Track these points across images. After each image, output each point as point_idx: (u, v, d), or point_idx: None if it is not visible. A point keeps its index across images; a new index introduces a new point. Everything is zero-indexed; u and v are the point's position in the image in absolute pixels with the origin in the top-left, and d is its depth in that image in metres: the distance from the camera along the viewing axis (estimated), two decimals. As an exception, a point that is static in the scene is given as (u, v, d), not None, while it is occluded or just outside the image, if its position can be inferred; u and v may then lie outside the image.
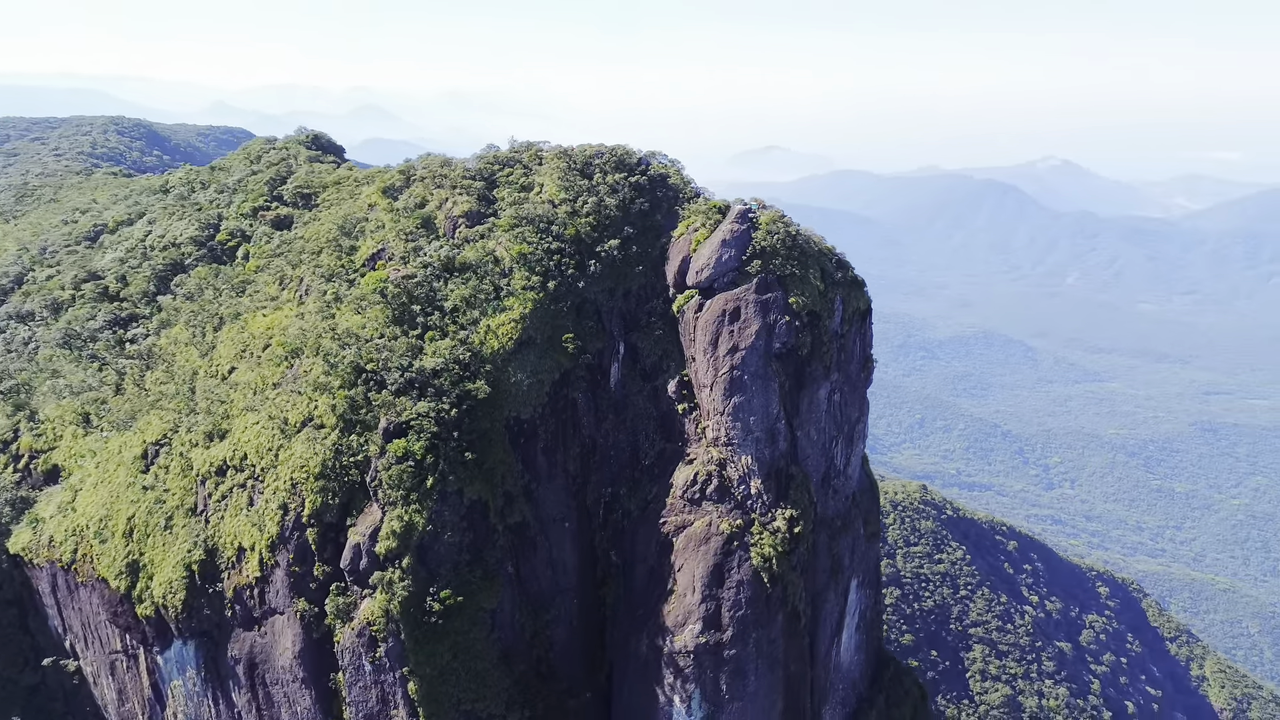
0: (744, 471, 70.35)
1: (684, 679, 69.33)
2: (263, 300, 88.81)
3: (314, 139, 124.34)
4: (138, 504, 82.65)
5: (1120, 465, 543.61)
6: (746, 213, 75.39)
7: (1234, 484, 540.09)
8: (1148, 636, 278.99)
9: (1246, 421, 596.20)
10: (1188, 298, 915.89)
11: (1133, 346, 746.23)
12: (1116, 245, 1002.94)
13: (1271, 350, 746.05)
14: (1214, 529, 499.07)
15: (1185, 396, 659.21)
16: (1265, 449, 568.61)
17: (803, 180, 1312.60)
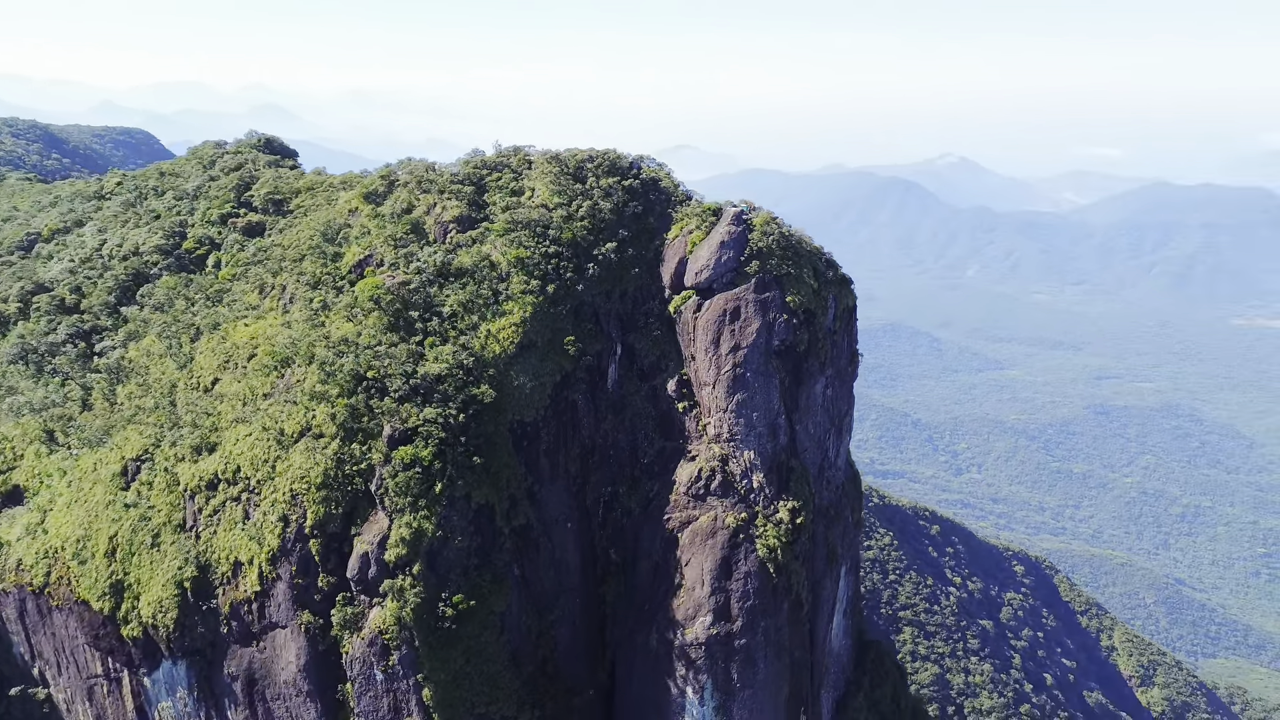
0: (746, 466, 73.10)
1: (696, 670, 71.64)
2: (242, 309, 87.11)
3: (267, 142, 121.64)
4: (120, 522, 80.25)
5: (1022, 449, 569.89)
6: (741, 215, 78.14)
7: (1126, 463, 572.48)
8: (1061, 611, 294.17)
9: (1135, 403, 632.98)
10: (1078, 288, 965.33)
11: (1029, 335, 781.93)
12: (1012, 239, 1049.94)
13: (1156, 336, 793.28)
14: (1109, 506, 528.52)
15: (1079, 381, 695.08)
16: (1153, 429, 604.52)
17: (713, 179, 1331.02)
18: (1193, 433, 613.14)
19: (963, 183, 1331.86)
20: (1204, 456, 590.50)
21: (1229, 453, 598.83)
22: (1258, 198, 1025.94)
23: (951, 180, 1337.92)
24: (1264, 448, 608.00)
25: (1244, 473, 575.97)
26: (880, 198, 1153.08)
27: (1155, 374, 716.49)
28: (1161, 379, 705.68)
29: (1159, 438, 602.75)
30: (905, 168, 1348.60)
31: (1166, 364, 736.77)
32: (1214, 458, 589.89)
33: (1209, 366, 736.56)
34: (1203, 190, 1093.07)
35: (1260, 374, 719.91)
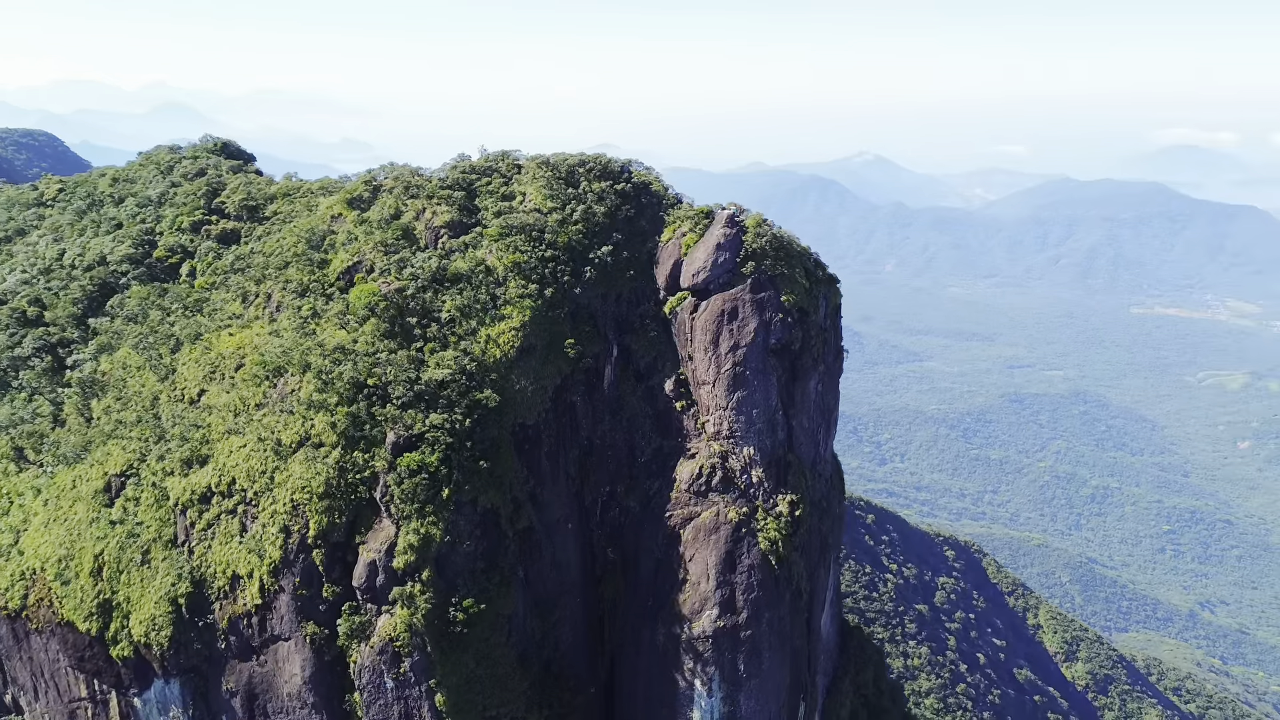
0: (746, 462, 75.43)
1: (703, 663, 73.65)
2: (225, 319, 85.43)
3: (223, 146, 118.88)
4: (106, 540, 78.09)
5: (943, 438, 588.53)
6: (734, 217, 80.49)
7: (1039, 448, 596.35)
8: (989, 593, 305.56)
9: (1046, 391, 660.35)
10: (989, 280, 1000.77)
11: (946, 327, 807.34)
12: (926, 234, 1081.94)
13: (1062, 326, 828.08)
14: (1025, 490, 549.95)
15: (993, 371, 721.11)
16: (1063, 415, 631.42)
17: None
18: (1100, 417, 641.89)
19: (879, 180, 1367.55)
20: (1111, 440, 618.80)
21: (1133, 435, 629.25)
22: (1152, 192, 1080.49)
23: (868, 178, 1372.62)
24: (1165, 430, 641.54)
25: (1148, 454, 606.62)
26: (801, 195, 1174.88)
27: (1063, 362, 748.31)
28: (1069, 367, 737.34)
29: (1069, 423, 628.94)
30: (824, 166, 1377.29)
31: (1073, 352, 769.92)
32: (1120, 440, 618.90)
33: (1112, 353, 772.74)
34: (1102, 185, 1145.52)
35: (1159, 359, 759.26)
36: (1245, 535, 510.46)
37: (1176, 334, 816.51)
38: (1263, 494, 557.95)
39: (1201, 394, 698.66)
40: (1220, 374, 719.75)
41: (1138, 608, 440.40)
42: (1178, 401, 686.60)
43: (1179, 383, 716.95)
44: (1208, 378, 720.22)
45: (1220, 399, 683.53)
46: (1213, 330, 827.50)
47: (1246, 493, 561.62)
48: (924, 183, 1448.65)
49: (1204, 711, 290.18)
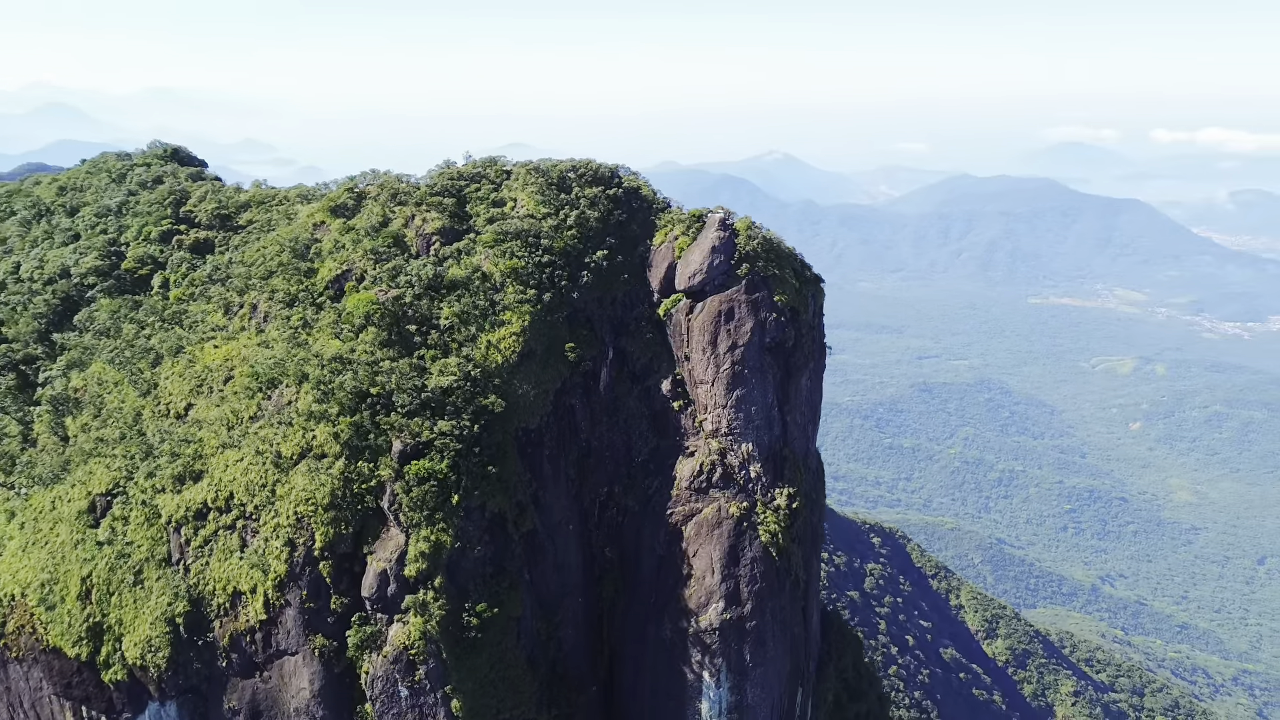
0: (744, 458, 77.98)
1: (711, 655, 75.90)
2: (208, 331, 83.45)
3: (174, 152, 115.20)
4: (93, 562, 75.66)
5: (857, 428, 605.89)
6: (726, 220, 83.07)
7: (948, 435, 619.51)
8: (914, 577, 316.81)
9: (953, 380, 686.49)
10: (896, 275, 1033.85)
11: (857, 321, 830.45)
12: (835, 230, 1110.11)
13: (966, 317, 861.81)
14: (936, 476, 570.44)
15: (903, 362, 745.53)
16: (970, 402, 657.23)
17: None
18: (1003, 404, 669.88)
19: (788, 179, 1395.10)
20: (1014, 425, 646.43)
21: (1034, 420, 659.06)
22: (1045, 187, 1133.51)
23: (778, 176, 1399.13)
24: (1063, 414, 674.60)
25: (1048, 437, 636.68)
26: (714, 194, 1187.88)
27: (968, 351, 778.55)
28: (974, 356, 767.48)
29: (975, 410, 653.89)
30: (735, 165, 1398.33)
31: (977, 342, 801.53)
32: (1022, 425, 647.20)
33: (1012, 342, 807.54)
34: (999, 181, 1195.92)
35: (1055, 347, 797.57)
36: (1139, 511, 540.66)
37: (1070, 322, 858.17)
38: (1154, 472, 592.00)
39: (1095, 378, 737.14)
40: (1111, 359, 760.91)
41: (1044, 584, 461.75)
42: (1074, 386, 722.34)
43: (1074, 368, 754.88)
44: (1100, 363, 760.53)
45: (1112, 383, 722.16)
46: (1103, 318, 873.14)
47: (1139, 471, 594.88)
48: (832, 181, 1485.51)
49: (1114, 680, 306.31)
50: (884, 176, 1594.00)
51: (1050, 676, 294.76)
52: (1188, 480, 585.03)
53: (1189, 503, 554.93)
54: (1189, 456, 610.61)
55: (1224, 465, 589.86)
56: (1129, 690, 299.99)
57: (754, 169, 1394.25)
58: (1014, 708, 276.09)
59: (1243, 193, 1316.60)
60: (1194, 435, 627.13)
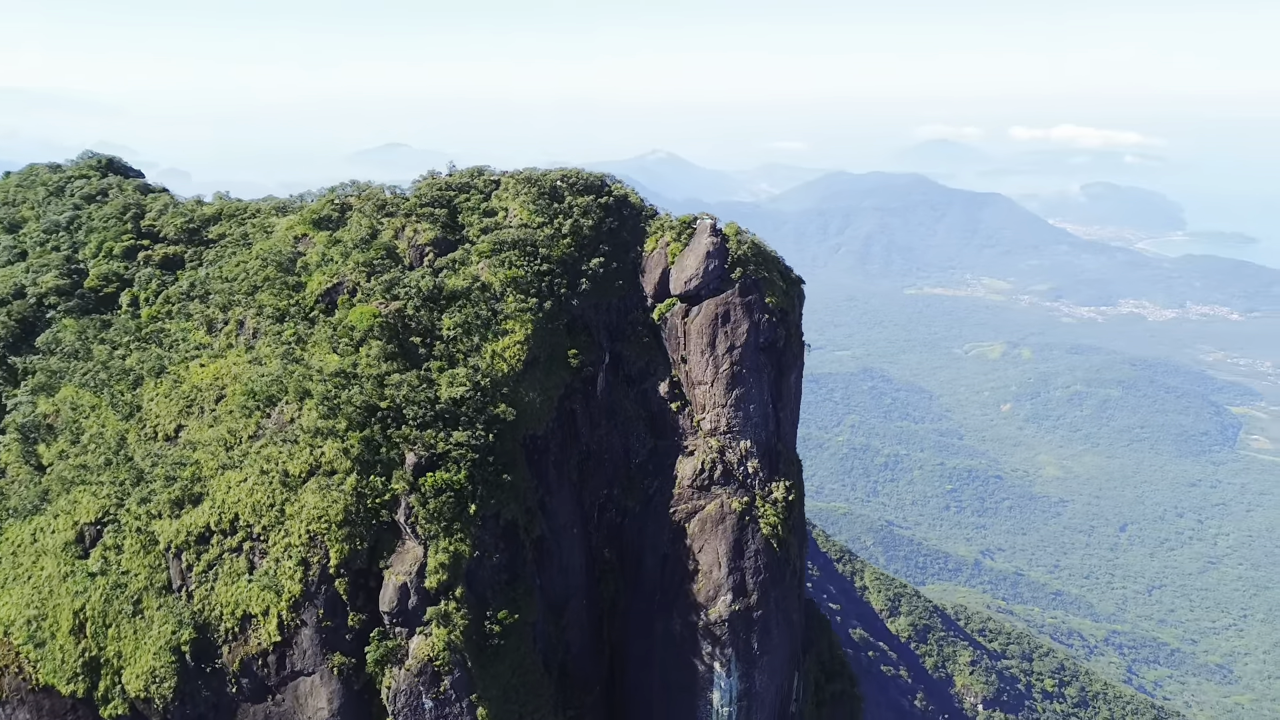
0: (742, 454, 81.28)
1: (721, 645, 78.89)
2: (190, 350, 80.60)
3: (108, 163, 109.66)
4: (87, 594, 72.43)
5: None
6: (716, 226, 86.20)
7: (836, 423, 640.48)
8: (821, 562, 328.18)
9: (838, 370, 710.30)
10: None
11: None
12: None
13: (847, 309, 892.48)
14: (827, 464, 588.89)
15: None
16: (854, 391, 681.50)
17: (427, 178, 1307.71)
18: (885, 391, 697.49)
19: (673, 177, 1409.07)
20: (896, 411, 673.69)
21: (915, 405, 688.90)
22: (916, 183, 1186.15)
23: (662, 175, 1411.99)
24: (940, 398, 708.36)
25: (928, 421, 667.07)
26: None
27: (851, 342, 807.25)
28: (856, 346, 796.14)
29: (860, 398, 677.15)
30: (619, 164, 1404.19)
31: (859, 333, 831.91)
32: (904, 411, 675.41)
33: (891, 332, 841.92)
34: (873, 178, 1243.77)
35: (931, 335, 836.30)
36: (1013, 488, 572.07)
37: (944, 311, 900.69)
38: (1024, 450, 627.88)
39: (967, 364, 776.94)
40: (982, 345, 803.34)
41: (932, 561, 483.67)
42: (949, 372, 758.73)
43: (949, 355, 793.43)
44: (972, 349, 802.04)
45: (983, 368, 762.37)
46: (973, 306, 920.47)
47: (1011, 449, 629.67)
48: (715, 179, 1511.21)
49: (1005, 648, 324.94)
50: (764, 174, 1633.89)
51: (949, 649, 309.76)
52: (1054, 456, 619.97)
53: (1056, 477, 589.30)
54: (1054, 434, 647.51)
55: (1086, 440, 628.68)
56: (1019, 656, 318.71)
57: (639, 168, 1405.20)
58: (918, 680, 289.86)
59: (1092, 185, 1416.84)
60: (1058, 414, 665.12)
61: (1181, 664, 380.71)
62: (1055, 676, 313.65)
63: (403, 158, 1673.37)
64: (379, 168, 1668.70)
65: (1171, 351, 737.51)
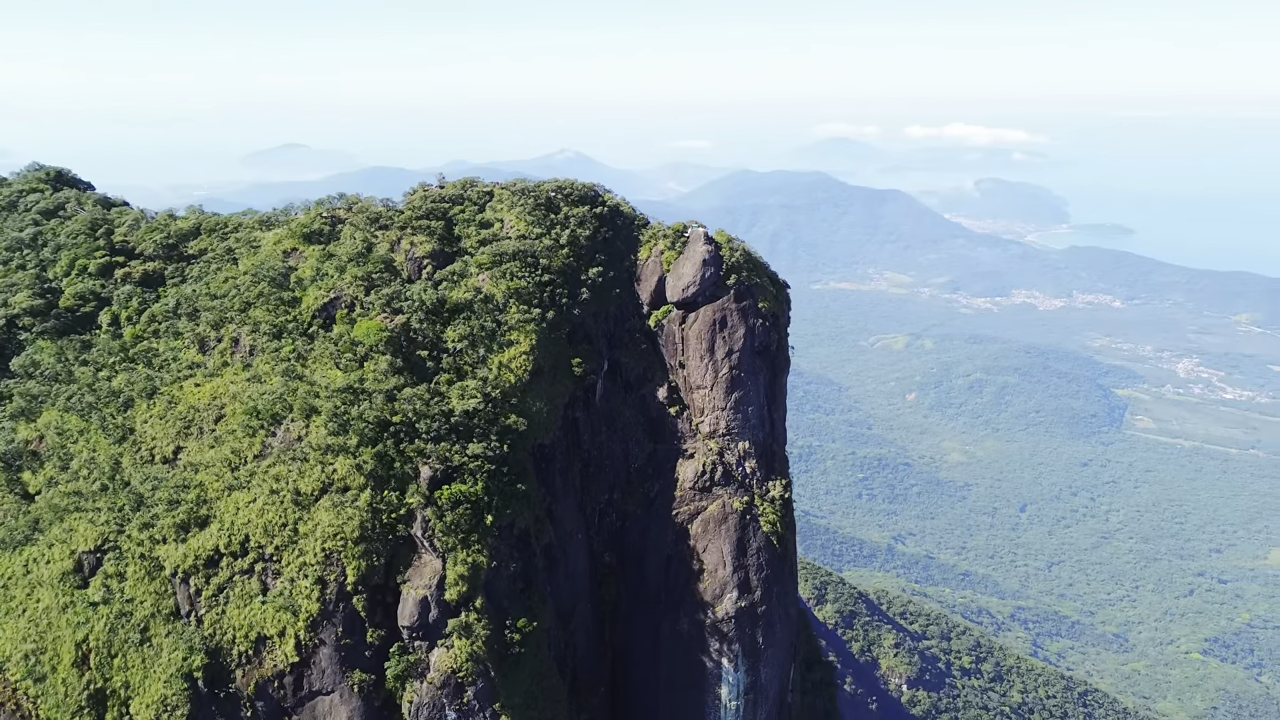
0: (741, 455, 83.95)
1: (728, 641, 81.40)
2: (183, 369, 78.34)
3: (57, 175, 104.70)
4: (88, 625, 70.00)
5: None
6: (708, 234, 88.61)
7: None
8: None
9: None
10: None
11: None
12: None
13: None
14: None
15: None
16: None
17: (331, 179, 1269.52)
18: (797, 384, 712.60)
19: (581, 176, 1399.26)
20: (808, 403, 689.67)
21: (825, 397, 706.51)
22: (818, 180, 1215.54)
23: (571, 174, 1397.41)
24: (849, 390, 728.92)
25: (838, 412, 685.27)
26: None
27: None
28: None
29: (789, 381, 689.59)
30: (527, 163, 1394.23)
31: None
32: (815, 403, 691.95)
33: (800, 326, 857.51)
34: (777, 176, 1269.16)
35: (838, 329, 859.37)
36: (921, 474, 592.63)
37: (849, 305, 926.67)
38: (930, 437, 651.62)
39: (874, 355, 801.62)
40: (886, 337, 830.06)
41: (847, 549, 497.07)
42: (856, 364, 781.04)
43: (855, 347, 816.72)
44: (877, 341, 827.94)
45: (888, 359, 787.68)
46: (877, 300, 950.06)
47: (918, 437, 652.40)
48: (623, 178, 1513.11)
49: (925, 629, 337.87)
50: (671, 173, 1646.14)
51: (874, 633, 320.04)
52: (958, 442, 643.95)
53: (961, 462, 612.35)
54: (957, 421, 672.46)
55: (986, 426, 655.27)
56: (938, 636, 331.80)
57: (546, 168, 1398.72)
58: (847, 665, 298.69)
59: (984, 181, 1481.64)
60: (960, 401, 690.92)
61: (1081, 635, 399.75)
62: (972, 654, 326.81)
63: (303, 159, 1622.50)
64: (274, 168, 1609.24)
65: (1061, 339, 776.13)
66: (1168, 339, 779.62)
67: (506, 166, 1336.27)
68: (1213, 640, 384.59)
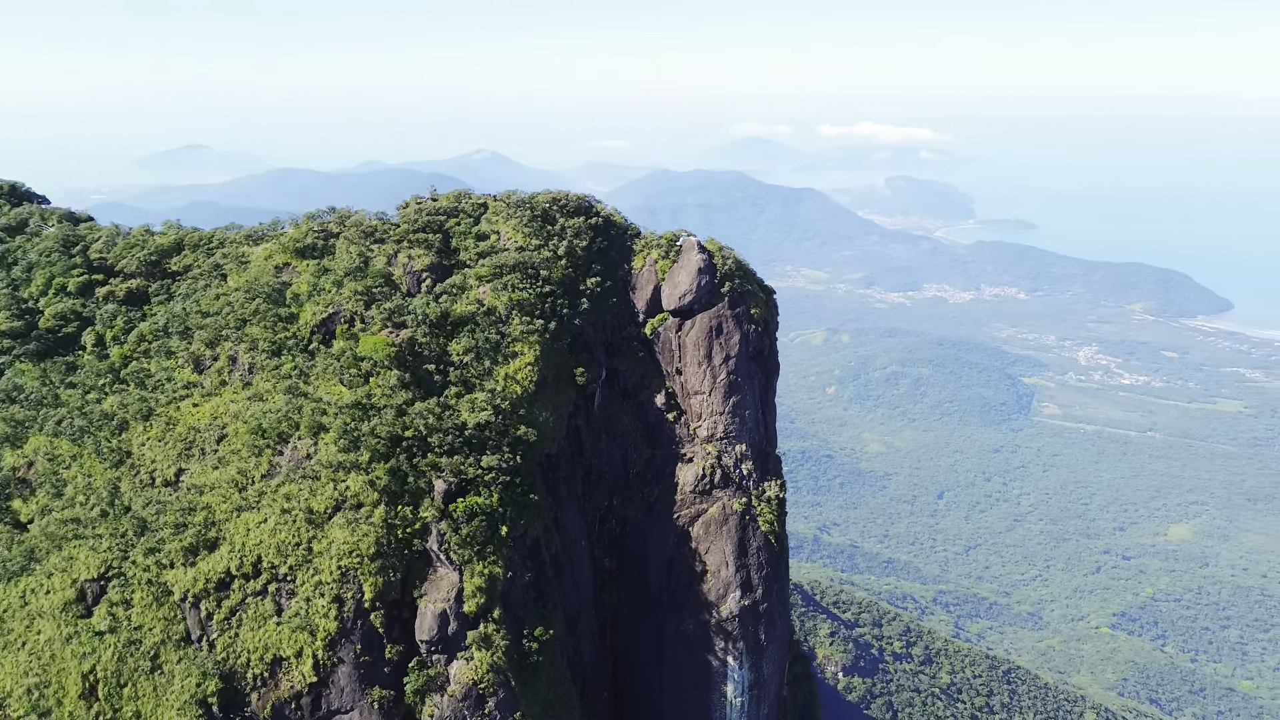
0: (738, 458, 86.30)
1: (732, 640, 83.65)
2: (178, 389, 76.31)
3: (11, 188, 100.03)
4: (95, 655, 67.91)
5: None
6: (701, 243, 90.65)
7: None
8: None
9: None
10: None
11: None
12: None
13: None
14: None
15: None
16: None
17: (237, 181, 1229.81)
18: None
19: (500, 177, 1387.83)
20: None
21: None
22: (735, 180, 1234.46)
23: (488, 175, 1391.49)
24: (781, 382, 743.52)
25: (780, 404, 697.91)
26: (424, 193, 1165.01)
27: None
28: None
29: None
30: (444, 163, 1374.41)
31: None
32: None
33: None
34: (695, 175, 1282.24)
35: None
36: (843, 465, 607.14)
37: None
38: (850, 429, 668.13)
39: (794, 350, 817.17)
40: (805, 332, 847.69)
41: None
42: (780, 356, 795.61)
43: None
44: (797, 336, 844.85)
45: (808, 353, 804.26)
46: (795, 296, 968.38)
47: (839, 429, 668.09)
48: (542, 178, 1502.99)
49: (857, 617, 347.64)
50: (591, 173, 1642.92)
51: (810, 623, 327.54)
52: (877, 434, 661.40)
53: (880, 453, 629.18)
54: (876, 412, 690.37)
55: (904, 417, 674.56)
56: (870, 624, 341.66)
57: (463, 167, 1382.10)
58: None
59: (895, 179, 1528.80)
60: (878, 393, 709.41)
61: (999, 615, 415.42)
62: (903, 639, 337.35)
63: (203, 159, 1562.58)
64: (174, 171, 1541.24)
65: (971, 330, 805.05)
66: (1069, 328, 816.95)
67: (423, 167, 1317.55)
68: (1120, 615, 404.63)
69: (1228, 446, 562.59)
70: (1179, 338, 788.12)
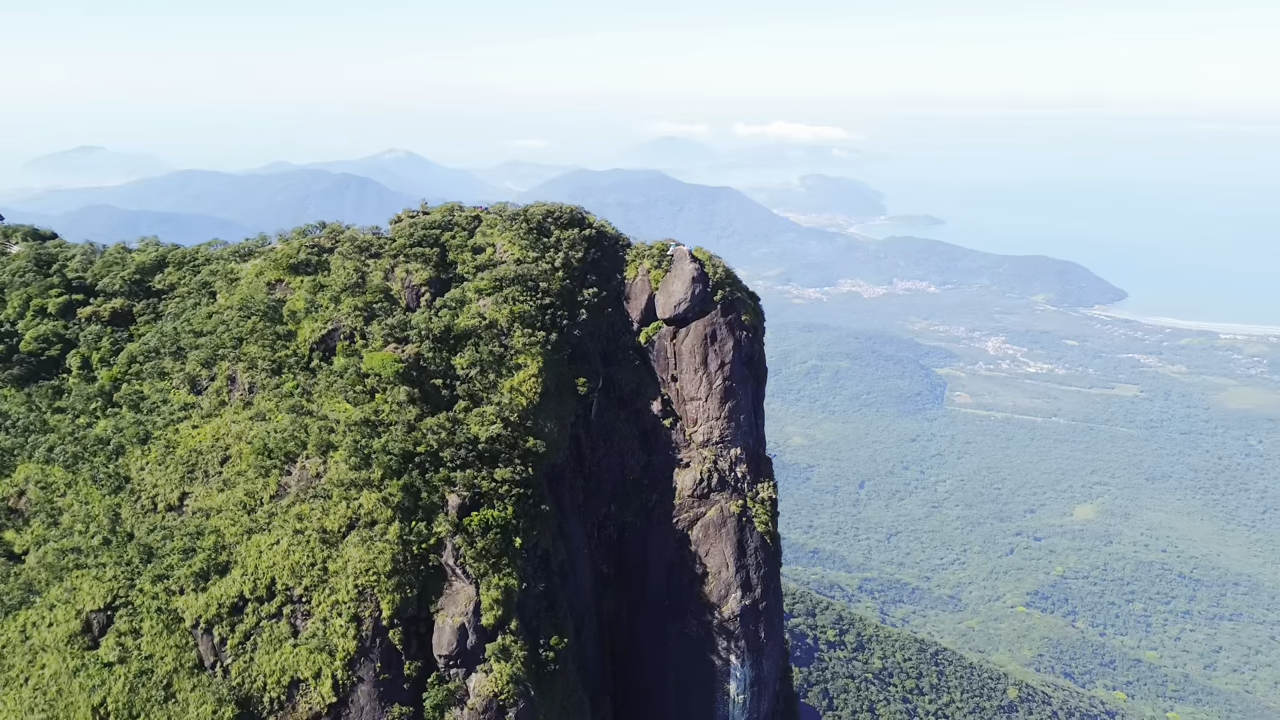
0: (733, 461, 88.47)
1: (734, 639, 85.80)
2: (175, 411, 74.17)
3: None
4: (105, 687, 65.82)
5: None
6: (691, 252, 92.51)
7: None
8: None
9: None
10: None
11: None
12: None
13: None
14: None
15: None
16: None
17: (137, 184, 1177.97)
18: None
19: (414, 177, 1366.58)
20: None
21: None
22: (654, 178, 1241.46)
23: (402, 174, 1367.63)
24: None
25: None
26: (338, 194, 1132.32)
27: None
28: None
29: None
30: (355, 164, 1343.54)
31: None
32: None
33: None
34: (614, 175, 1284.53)
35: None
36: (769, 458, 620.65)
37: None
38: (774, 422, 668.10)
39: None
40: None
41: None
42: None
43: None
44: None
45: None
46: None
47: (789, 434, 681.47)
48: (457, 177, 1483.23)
49: (791, 607, 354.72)
50: (508, 172, 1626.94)
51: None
52: (799, 426, 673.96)
53: (803, 445, 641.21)
54: (798, 406, 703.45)
55: (824, 410, 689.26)
56: (804, 614, 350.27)
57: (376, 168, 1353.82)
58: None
59: (809, 177, 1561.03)
60: (799, 387, 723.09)
61: (921, 599, 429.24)
62: (836, 628, 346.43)
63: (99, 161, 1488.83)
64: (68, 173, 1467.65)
65: (885, 324, 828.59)
66: (977, 320, 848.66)
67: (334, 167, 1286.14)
68: (1033, 594, 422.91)
69: (1126, 429, 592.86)
70: (1079, 326, 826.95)
